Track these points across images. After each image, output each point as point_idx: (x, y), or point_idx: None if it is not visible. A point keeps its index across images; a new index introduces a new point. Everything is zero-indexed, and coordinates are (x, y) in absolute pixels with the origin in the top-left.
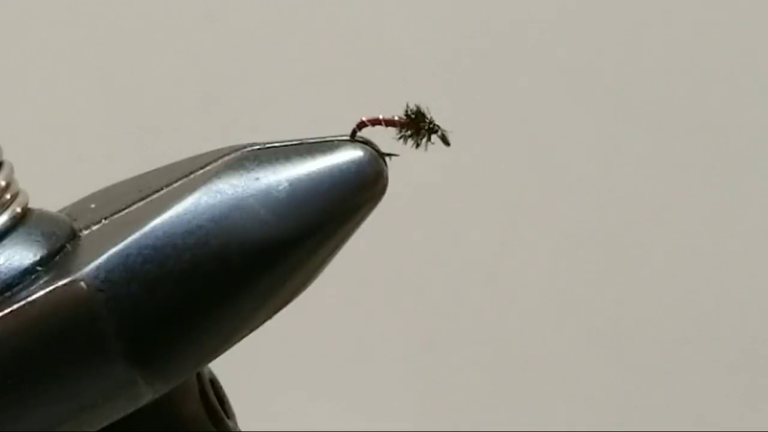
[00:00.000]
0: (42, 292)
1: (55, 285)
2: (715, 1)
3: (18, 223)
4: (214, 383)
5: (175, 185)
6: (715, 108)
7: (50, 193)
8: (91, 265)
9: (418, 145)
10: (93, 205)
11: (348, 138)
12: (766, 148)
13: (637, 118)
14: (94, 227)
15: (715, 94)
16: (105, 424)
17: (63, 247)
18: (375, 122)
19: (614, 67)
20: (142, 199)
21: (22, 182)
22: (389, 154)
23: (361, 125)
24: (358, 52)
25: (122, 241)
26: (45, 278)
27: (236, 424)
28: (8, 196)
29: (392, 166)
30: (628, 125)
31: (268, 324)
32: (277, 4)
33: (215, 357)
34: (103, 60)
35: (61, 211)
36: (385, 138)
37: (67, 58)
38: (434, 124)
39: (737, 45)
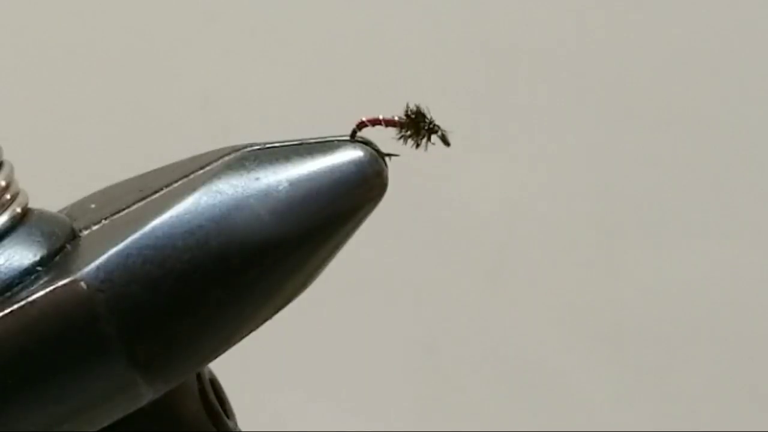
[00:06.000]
0: (42, 292)
1: (55, 285)
2: (716, 2)
3: (18, 223)
4: (214, 383)
5: (175, 185)
6: (715, 109)
7: (50, 193)
8: (91, 265)
9: (418, 145)
10: (93, 205)
11: (348, 138)
12: (766, 148)
13: (636, 121)
14: (94, 227)
15: (715, 95)
16: (105, 424)
17: (63, 247)
18: (375, 122)
19: (614, 70)
20: (142, 199)
21: (22, 182)
22: (389, 154)
23: (361, 125)
24: (358, 52)
25: (122, 241)
26: (45, 278)
27: (236, 424)
28: (8, 196)
29: (392, 166)
30: (627, 126)
31: (268, 324)
32: (277, 4)
33: (215, 357)
34: (103, 60)
35: (61, 211)
36: (385, 138)
37: (67, 58)
38: (434, 124)
39: (737, 45)
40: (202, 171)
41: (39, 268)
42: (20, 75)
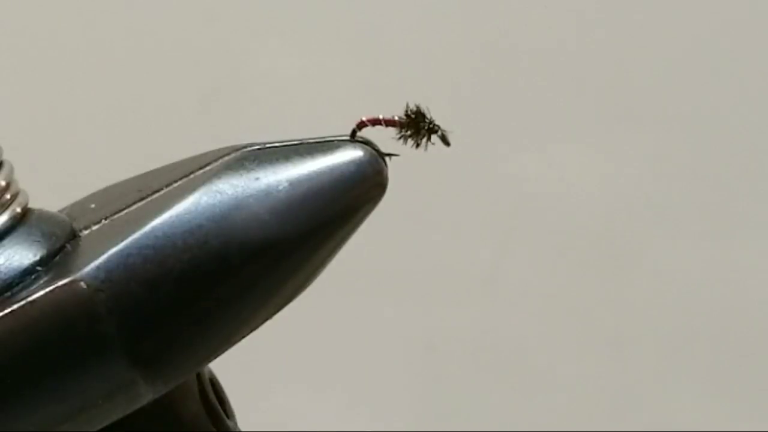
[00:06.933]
0: (42, 292)
1: (55, 285)
2: (716, 2)
3: (18, 223)
4: (214, 383)
5: (175, 185)
6: (715, 111)
7: (50, 193)
8: (91, 265)
9: (418, 145)
10: (93, 205)
11: (348, 138)
12: (766, 149)
13: (636, 120)
14: (94, 227)
15: (714, 96)
16: (105, 424)
17: (63, 247)
18: (375, 122)
19: (616, 70)
20: (142, 199)
21: (22, 182)
22: (389, 154)
23: (361, 125)
24: (358, 51)
25: (122, 241)
26: (45, 278)
27: (236, 424)
28: (8, 196)
29: (392, 166)
30: (628, 126)
31: (268, 323)
32: (277, 4)
33: (215, 357)
34: (103, 60)
35: (61, 211)
36: (385, 138)
37: (67, 58)
38: (434, 124)
39: (737, 45)
40: (202, 171)
41: (39, 268)
42: (20, 75)
